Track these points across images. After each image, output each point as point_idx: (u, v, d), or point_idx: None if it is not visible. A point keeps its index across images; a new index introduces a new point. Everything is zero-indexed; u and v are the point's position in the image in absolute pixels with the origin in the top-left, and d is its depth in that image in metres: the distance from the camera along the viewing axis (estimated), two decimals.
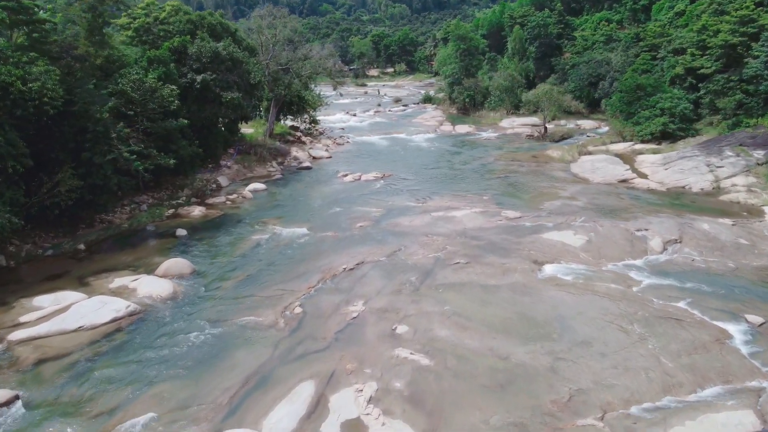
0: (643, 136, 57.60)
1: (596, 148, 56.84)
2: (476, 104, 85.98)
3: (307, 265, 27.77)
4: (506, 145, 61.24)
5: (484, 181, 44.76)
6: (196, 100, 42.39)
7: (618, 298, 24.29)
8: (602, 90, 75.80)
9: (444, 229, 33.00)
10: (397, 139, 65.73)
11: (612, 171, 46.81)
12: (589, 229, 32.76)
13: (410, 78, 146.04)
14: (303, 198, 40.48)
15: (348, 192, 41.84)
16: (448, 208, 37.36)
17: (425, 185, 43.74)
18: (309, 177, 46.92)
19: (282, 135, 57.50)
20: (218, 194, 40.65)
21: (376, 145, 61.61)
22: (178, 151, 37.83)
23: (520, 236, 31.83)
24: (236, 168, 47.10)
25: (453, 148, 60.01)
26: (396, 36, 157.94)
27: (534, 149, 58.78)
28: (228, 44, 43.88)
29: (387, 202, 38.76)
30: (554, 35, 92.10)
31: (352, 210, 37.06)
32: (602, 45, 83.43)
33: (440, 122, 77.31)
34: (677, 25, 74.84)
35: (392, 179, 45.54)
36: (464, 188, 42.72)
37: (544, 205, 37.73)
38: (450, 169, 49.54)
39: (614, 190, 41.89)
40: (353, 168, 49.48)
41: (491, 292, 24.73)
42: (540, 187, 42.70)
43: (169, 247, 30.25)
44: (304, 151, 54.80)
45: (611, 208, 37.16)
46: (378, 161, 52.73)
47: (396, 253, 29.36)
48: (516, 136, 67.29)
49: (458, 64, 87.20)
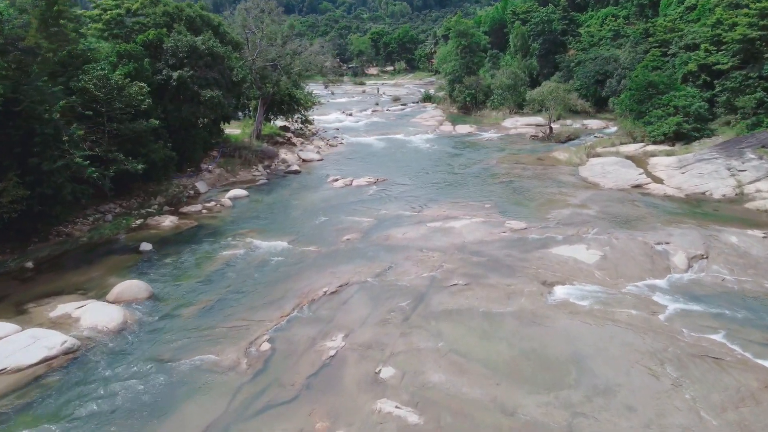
0: (655, 137, 54.02)
1: (605, 150, 53.27)
2: (478, 103, 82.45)
3: (283, 287, 24.23)
4: (509, 147, 57.68)
5: (485, 187, 41.20)
6: (172, 98, 38.93)
7: (642, 329, 20.76)
8: (609, 88, 72.27)
9: (441, 243, 29.47)
10: (394, 140, 62.20)
11: (624, 175, 43.22)
12: (604, 242, 29.22)
13: (410, 77, 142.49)
14: (287, 206, 36.96)
15: (337, 199, 38.32)
16: (446, 217, 33.83)
17: (422, 191, 40.21)
18: (296, 182, 43.41)
19: (271, 136, 54.02)
20: (195, 202, 37.15)
21: (371, 147, 58.08)
22: (149, 154, 34.34)
23: (527, 251, 28.29)
24: (218, 172, 43.61)
25: (453, 150, 56.46)
26: (396, 33, 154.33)
27: (539, 151, 55.23)
28: (208, 38, 40.37)
29: (379, 211, 35.24)
30: (558, 31, 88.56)
31: (340, 220, 33.54)
32: (609, 41, 79.88)
33: (440, 122, 73.78)
34: (688, 20, 71.19)
35: (386, 184, 42.01)
36: (464, 195, 39.19)
37: (552, 214, 34.19)
38: (449, 173, 45.99)
39: (628, 197, 38.32)
40: (345, 172, 45.97)
41: (494, 321, 21.19)
42: (547, 193, 39.14)
43: (130, 265, 26.73)
44: (293, 153, 51.30)
45: (626, 217, 33.61)
46: (372, 164, 49.21)
47: (386, 272, 25.83)
48: (519, 136, 63.74)
49: (459, 62, 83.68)
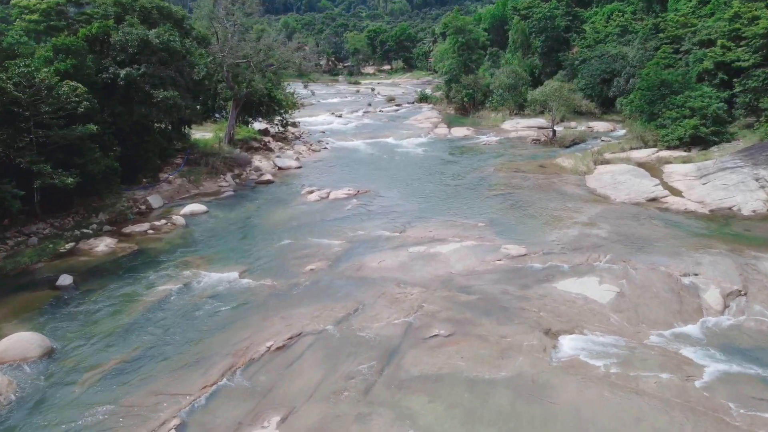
0: (669, 142, 49.03)
1: (614, 156, 48.21)
2: (476, 104, 77.43)
3: (219, 340, 19.22)
4: (509, 152, 52.63)
5: (480, 201, 36.17)
6: (122, 100, 34.00)
7: (676, 403, 15.77)
8: (617, 87, 67.21)
9: (423, 275, 24.47)
10: (384, 144, 57.19)
11: (638, 186, 38.14)
12: (619, 274, 24.20)
13: (408, 76, 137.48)
14: (249, 225, 31.98)
15: (309, 216, 33.32)
16: (432, 240, 28.80)
17: (407, 206, 35.20)
18: (266, 195, 38.40)
19: (246, 141, 49.05)
20: (144, 220, 32.18)
21: (357, 153, 53.08)
22: (86, 165, 29.37)
23: (526, 286, 23.29)
24: (179, 183, 38.64)
25: (446, 156, 51.43)
26: (393, 31, 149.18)
27: (541, 157, 50.18)
28: (163, 31, 35.38)
29: (355, 232, 30.22)
30: (562, 28, 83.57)
31: (307, 243, 28.53)
32: (616, 37, 74.76)
33: (435, 124, 68.73)
34: (701, 15, 66.17)
35: (368, 198, 37.01)
36: (455, 210, 34.17)
37: (557, 236, 29.16)
38: (440, 183, 40.94)
39: (643, 213, 33.27)
40: (324, 182, 40.98)
41: (483, 394, 16.16)
42: (550, 209, 34.10)
43: (37, 307, 21.73)
44: (269, 160, 46.32)
45: (644, 239, 28.56)
46: (356, 173, 44.21)
47: (351, 316, 20.81)
48: (520, 140, 58.68)
49: (456, 60, 78.64)
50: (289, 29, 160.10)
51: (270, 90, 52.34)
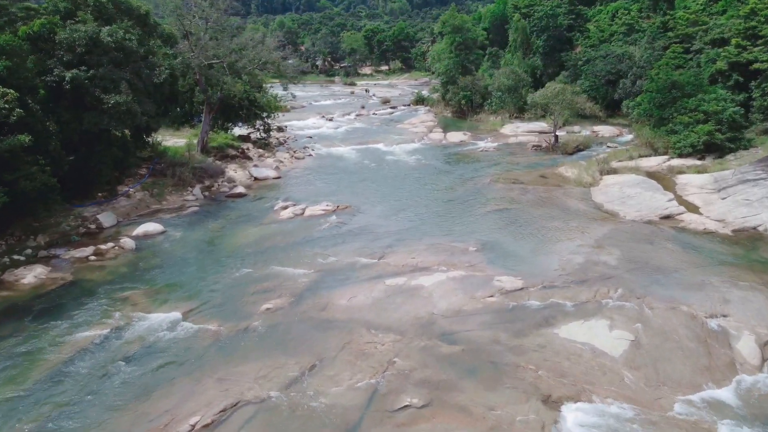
0: (681, 149, 45.06)
1: (622, 165, 44.28)
2: (474, 106, 73.41)
3: (130, 415, 15.29)
4: (507, 160, 48.70)
5: (472, 219, 32.25)
6: (69, 106, 30.18)
7: None
8: (623, 89, 63.23)
9: (400, 315, 20.59)
10: (373, 151, 53.29)
11: (649, 201, 34.19)
12: (633, 315, 20.31)
13: (406, 76, 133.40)
14: (208, 250, 28.09)
15: (278, 238, 29.43)
16: (414, 269, 24.91)
17: (390, 225, 31.31)
18: (236, 210, 34.53)
19: (221, 148, 45.18)
20: (90, 242, 28.34)
21: (343, 160, 49.19)
22: (18, 182, 25.53)
23: (522, 332, 19.39)
24: (140, 197, 34.83)
25: (440, 165, 47.53)
26: (391, 31, 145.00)
27: (542, 165, 46.26)
28: (117, 29, 31.53)
29: (327, 258, 26.32)
30: (564, 27, 79.55)
31: (270, 273, 24.65)
32: (622, 37, 70.81)
33: (430, 128, 64.79)
34: (713, 12, 62.27)
35: (348, 214, 33.13)
36: (444, 230, 30.27)
37: (559, 263, 25.24)
38: (430, 197, 37.03)
39: (657, 233, 29.35)
40: (301, 195, 37.13)
41: None
42: (551, 228, 30.17)
43: None
44: (245, 170, 42.44)
45: (660, 268, 24.64)
46: (338, 185, 40.31)
47: (304, 377, 16.90)
48: (520, 146, 54.75)
49: (453, 60, 74.68)
50: (285, 29, 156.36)
51: (250, 93, 48.49)
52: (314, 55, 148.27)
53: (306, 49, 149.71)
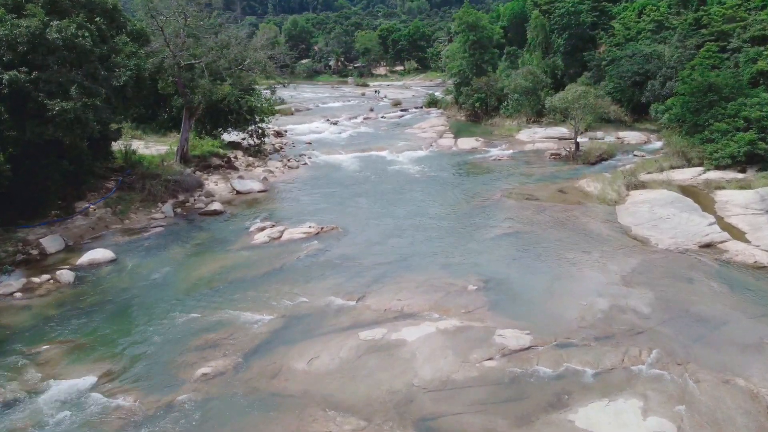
0: (718, 160, 39.97)
1: (651, 178, 39.25)
2: (489, 109, 68.55)
3: None
4: (522, 171, 43.90)
5: (477, 246, 27.57)
6: (9, 112, 26.05)
7: None
8: (651, 92, 57.92)
9: (370, 388, 16.01)
10: (376, 159, 48.80)
11: (686, 225, 29.19)
12: (674, 392, 15.56)
13: (421, 77, 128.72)
14: (158, 284, 23.72)
15: (244, 269, 25.00)
16: (398, 314, 20.34)
17: (380, 253, 26.78)
18: (205, 232, 30.20)
19: (204, 157, 40.94)
20: (26, 272, 24.18)
21: (341, 170, 44.76)
22: None
23: (526, 417, 14.73)
24: (99, 215, 30.70)
25: (447, 176, 42.87)
26: (406, 30, 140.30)
27: (561, 177, 41.39)
28: (69, 24, 27.35)
29: (295, 298, 21.83)
30: (587, 25, 74.19)
31: (220, 319, 20.23)
32: (650, 35, 65.45)
33: (440, 133, 60.09)
34: (751, 7, 56.87)
35: (332, 238, 28.65)
36: (442, 260, 25.65)
37: (577, 310, 20.49)
38: (431, 217, 32.38)
39: (698, 267, 24.44)
40: (284, 213, 32.79)
41: None
42: (569, 260, 25.38)
43: None
44: (226, 182, 38.15)
45: (704, 318, 19.82)
46: (329, 200, 35.87)
47: None
48: (537, 154, 49.88)
49: (467, 60, 69.95)
50: (298, 28, 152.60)
51: (240, 96, 44.26)
52: (327, 55, 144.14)
53: (319, 49, 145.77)
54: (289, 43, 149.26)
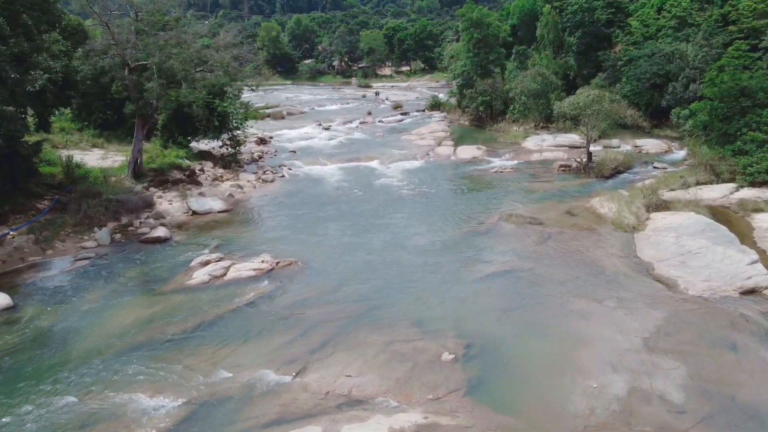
0: (754, 175, 34.54)
1: (675, 197, 33.74)
2: (495, 114, 63.14)
3: None
4: (526, 185, 38.62)
5: (462, 289, 22.36)
6: None
7: None
8: (672, 95, 52.40)
9: None
10: (363, 171, 43.72)
11: (721, 262, 23.71)
12: None
13: (427, 78, 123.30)
14: (53, 344, 18.69)
15: (166, 322, 19.92)
16: (341, 402, 15.16)
17: (339, 300, 21.65)
18: (140, 265, 25.19)
19: (163, 170, 36.01)
20: None
21: (321, 184, 39.70)
22: None
23: None
24: (18, 244, 25.87)
25: (440, 192, 37.66)
26: (412, 29, 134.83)
27: (570, 194, 36.07)
28: None
29: (213, 371, 16.72)
30: (602, 22, 68.55)
31: (108, 403, 15.19)
32: (671, 32, 59.76)
33: (439, 140, 54.79)
34: None
35: (287, 277, 23.58)
36: (416, 310, 20.48)
37: (585, 399, 15.22)
38: (412, 248, 27.15)
39: (740, 325, 19.07)
40: (240, 242, 27.75)
41: None
42: (576, 312, 20.09)
43: None
44: (183, 200, 33.17)
45: (759, 413, 14.51)
46: (296, 224, 30.79)
47: None
48: (544, 165, 44.49)
49: (471, 60, 64.59)
50: (302, 27, 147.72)
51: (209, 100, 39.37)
52: (331, 55, 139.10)
53: (323, 49, 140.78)
54: (292, 42, 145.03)
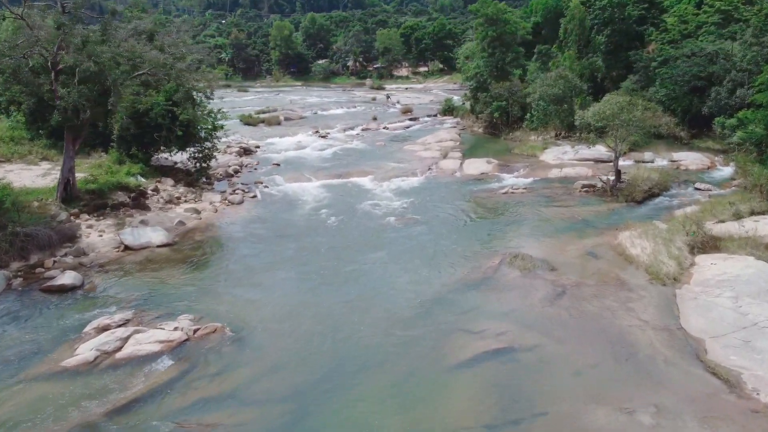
0: None
1: (726, 231, 26.88)
2: (511, 120, 56.48)
3: None
4: (541, 212, 32.09)
5: (430, 390, 16.00)
6: None
7: None
8: (715, 101, 45.46)
9: None
10: (352, 190, 37.59)
11: None
12: None
13: (444, 79, 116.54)
14: None
15: None
16: None
17: (262, 400, 15.50)
18: (20, 329, 19.29)
19: (103, 192, 30.15)
20: None
21: (297, 208, 33.64)
22: None
23: None
24: None
25: (434, 221, 31.26)
26: (430, 27, 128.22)
27: (593, 226, 29.47)
28: None
29: None
30: (634, 18, 61.36)
31: None
32: (714, 29, 52.61)
33: (445, 152, 48.28)
34: None
35: (200, 355, 17.45)
36: (358, 427, 14.21)
37: None
38: (380, 310, 20.79)
39: None
40: (163, 294, 21.76)
41: None
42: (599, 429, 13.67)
43: None
44: (117, 231, 27.24)
45: None
46: (247, 268, 24.69)
47: None
48: (564, 185, 37.87)
49: (485, 60, 58.04)
50: (316, 26, 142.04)
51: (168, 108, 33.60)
52: (345, 55, 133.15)
53: (338, 49, 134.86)
54: (306, 42, 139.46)
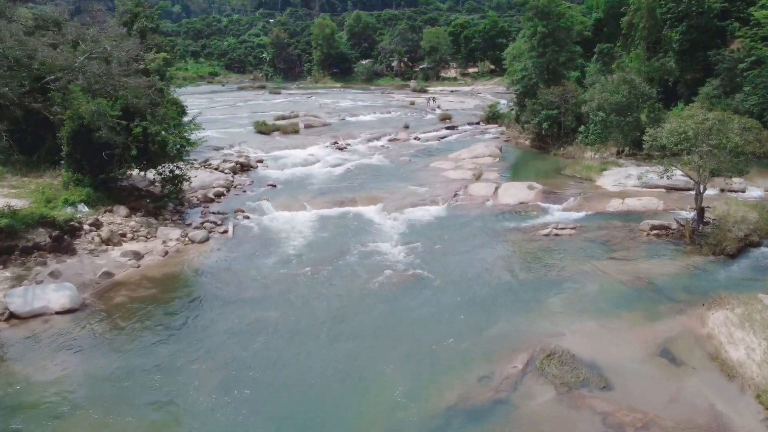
0: None
1: None
2: (563, 133, 47.60)
3: None
4: (593, 267, 23.57)
5: None
6: None
7: None
8: None
9: None
10: (353, 223, 29.95)
11: None
12: None
13: (494, 81, 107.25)
14: None
15: None
16: None
17: None
18: None
19: (16, 229, 23.39)
20: None
21: (275, 251, 26.17)
22: None
23: None
24: None
25: (447, 276, 23.15)
26: (481, 26, 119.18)
27: (667, 295, 20.79)
28: None
29: None
30: (715, 12, 51.44)
31: None
32: None
33: (479, 172, 39.90)
34: None
35: None
36: None
37: None
38: None
39: None
40: (10, 401, 14.51)
41: None
42: None
43: None
44: (5, 289, 20.30)
45: None
46: (157, 367, 17.27)
47: None
48: (625, 223, 29.03)
49: (534, 60, 49.34)
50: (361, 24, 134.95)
51: (117, 120, 26.76)
52: (390, 55, 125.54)
53: (382, 48, 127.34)
54: (350, 41, 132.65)
